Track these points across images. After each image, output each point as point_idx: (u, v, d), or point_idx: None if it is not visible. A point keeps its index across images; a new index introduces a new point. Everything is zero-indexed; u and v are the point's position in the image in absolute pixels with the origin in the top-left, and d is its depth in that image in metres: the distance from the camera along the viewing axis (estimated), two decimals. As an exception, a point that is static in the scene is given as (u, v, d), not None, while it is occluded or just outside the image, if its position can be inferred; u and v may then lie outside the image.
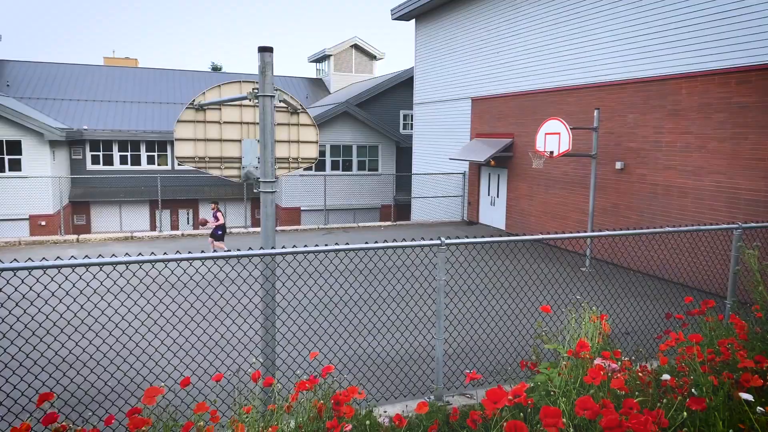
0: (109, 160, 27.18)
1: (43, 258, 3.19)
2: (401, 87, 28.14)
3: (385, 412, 3.03)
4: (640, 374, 2.71)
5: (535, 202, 16.21)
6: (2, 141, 22.03)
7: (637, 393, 2.50)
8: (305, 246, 3.51)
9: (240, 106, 5.28)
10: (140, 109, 29.58)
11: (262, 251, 3.48)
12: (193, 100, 5.08)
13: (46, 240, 14.96)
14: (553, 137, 12.71)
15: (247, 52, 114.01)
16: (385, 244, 3.71)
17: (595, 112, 12.62)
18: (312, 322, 7.20)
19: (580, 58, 14.19)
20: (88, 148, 26.77)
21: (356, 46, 35.23)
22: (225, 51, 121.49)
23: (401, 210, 26.30)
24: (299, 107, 5.41)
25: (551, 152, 12.73)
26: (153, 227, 27.43)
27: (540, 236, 4.11)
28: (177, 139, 5.07)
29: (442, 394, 3.97)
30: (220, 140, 5.26)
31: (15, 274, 3.20)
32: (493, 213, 18.45)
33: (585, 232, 13.45)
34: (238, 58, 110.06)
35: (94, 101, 29.32)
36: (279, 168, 5.37)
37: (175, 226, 28.10)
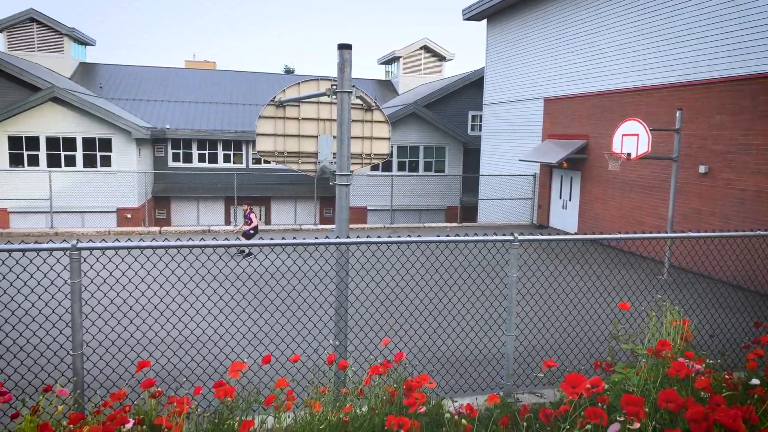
0: (188, 158, 28.61)
1: (128, 238, 3.45)
2: (470, 88, 27.89)
3: (455, 402, 3.05)
4: (726, 377, 2.57)
5: (609, 206, 15.63)
6: (95, 138, 23.71)
7: (723, 393, 2.38)
8: (378, 236, 3.60)
9: (317, 103, 5.46)
10: (218, 110, 30.95)
11: (338, 240, 3.59)
12: (274, 97, 5.30)
13: (131, 231, 15.98)
14: (631, 139, 12.22)
15: (318, 55, 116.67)
16: (458, 238, 3.74)
17: (678, 113, 12.02)
18: (384, 311, 7.29)
19: (661, 56, 13.56)
20: (169, 146, 28.30)
21: (426, 48, 35.26)
22: (298, 54, 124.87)
23: (467, 212, 26.07)
24: (373, 104, 5.52)
25: (628, 154, 12.24)
26: (227, 222, 28.64)
27: (617, 235, 3.99)
28: (258, 134, 5.31)
29: (511, 391, 3.94)
30: (298, 136, 5.46)
31: (106, 256, 3.47)
32: (565, 217, 17.95)
33: (665, 240, 12.82)
34: (310, 61, 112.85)
35: (176, 102, 30.96)
36: (353, 163, 5.50)
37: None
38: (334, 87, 4.32)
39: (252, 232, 13.83)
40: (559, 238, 3.84)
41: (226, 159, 29.18)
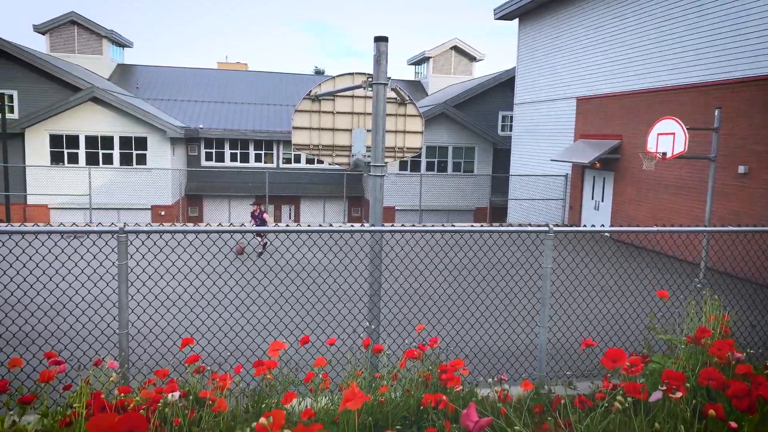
0: (220, 157, 29.12)
1: (173, 223, 3.57)
2: (501, 88, 27.70)
3: (490, 388, 3.07)
4: (768, 365, 2.52)
5: (643, 207, 15.34)
6: (131, 137, 24.36)
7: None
8: (412, 225, 3.64)
9: (352, 97, 5.53)
10: (249, 110, 31.44)
11: (373, 228, 3.65)
12: (310, 91, 5.40)
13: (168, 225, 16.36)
14: (667, 138, 11.97)
15: (346, 57, 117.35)
16: (492, 228, 3.75)
17: (716, 112, 11.72)
18: (417, 300, 7.32)
19: (698, 54, 13.26)
20: (202, 146, 28.86)
21: (456, 48, 35.16)
22: (327, 56, 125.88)
23: (496, 213, 25.89)
24: (407, 98, 5.57)
25: (664, 153, 11.99)
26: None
27: (654, 228, 3.94)
28: (294, 128, 5.41)
29: (545, 382, 3.93)
30: (332, 129, 5.54)
31: (148, 237, 3.59)
32: (597, 218, 17.68)
33: (701, 241, 12.51)
34: (340, 65, 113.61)
35: (209, 102, 31.56)
36: (386, 156, 5.56)
37: (278, 220, 29.54)
38: (370, 79, 4.38)
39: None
40: (594, 230, 3.82)
41: (258, 158, 29.60)
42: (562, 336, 6.67)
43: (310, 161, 29.72)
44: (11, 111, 23.47)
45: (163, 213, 24.65)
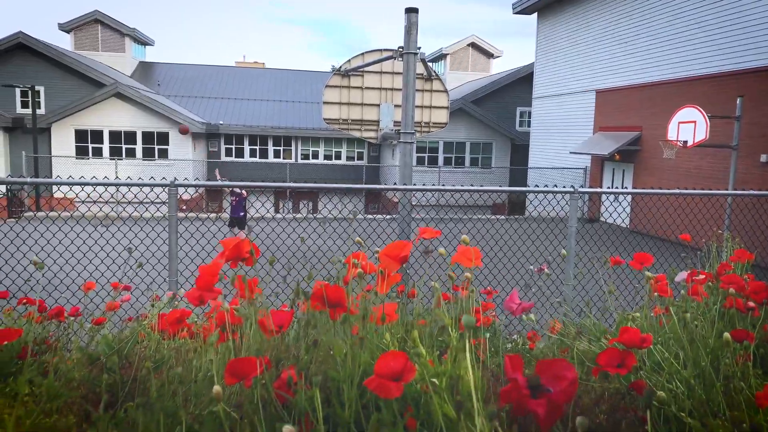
0: (240, 153, 29.50)
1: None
2: (519, 84, 27.68)
3: (519, 334, 3.21)
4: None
5: (663, 198, 15.29)
6: (154, 132, 24.82)
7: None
8: (438, 184, 3.78)
9: (380, 72, 5.70)
10: (268, 107, 31.78)
11: (404, 186, 3.81)
12: (340, 67, 5.58)
13: (191, 216, 16.70)
14: (688, 126, 11.97)
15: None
16: (518, 188, 3.89)
17: (738, 100, 11.69)
18: (442, 261, 7.34)
19: (719, 43, 13.21)
20: (222, 142, 29.26)
21: (473, 45, 35.15)
22: (344, 55, 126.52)
23: (514, 208, 25.88)
24: (433, 73, 5.73)
25: (685, 142, 12.00)
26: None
27: (676, 191, 4.05)
28: (325, 102, 5.60)
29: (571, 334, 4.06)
30: (361, 104, 5.72)
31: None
32: (617, 210, 17.64)
33: (721, 230, 12.43)
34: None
35: (228, 99, 31.97)
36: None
37: (296, 211, 29.87)
38: (401, 50, 4.55)
39: (242, 214, 12.20)
40: (619, 191, 3.94)
41: (276, 154, 29.93)
42: (586, 294, 6.74)
43: (327, 156, 29.97)
44: (38, 106, 24.05)
45: (184, 207, 25.09)
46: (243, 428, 0.93)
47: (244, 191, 12.20)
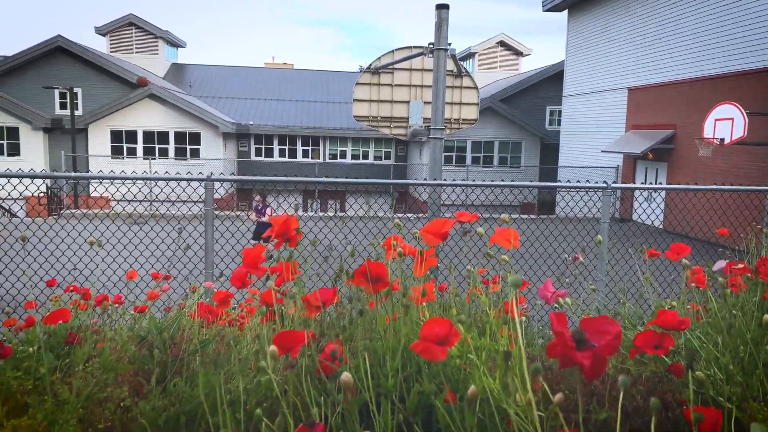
0: (269, 153, 29.86)
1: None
2: (548, 82, 27.32)
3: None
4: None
5: (698, 198, 14.91)
6: (186, 133, 25.34)
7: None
8: (473, 180, 3.79)
9: (410, 70, 5.73)
10: (296, 107, 32.09)
11: (434, 181, 3.84)
12: (370, 64, 5.63)
13: (221, 215, 17.00)
14: (725, 123, 11.67)
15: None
16: (549, 184, 3.86)
17: (778, 96, 11.35)
18: (472, 257, 7.33)
19: (758, 39, 12.82)
20: (252, 142, 29.66)
21: (502, 43, 34.86)
22: (371, 55, 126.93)
23: (543, 207, 25.58)
24: (463, 70, 5.73)
25: (722, 139, 11.69)
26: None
27: (713, 186, 3.96)
28: (355, 100, 5.65)
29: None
30: (390, 101, 5.75)
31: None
32: (649, 209, 17.29)
33: (761, 234, 12.05)
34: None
35: (258, 99, 32.39)
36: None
37: (323, 210, 30.11)
38: (431, 45, 4.57)
39: (264, 228, 11.03)
40: (654, 187, 3.88)
41: (305, 154, 30.20)
42: (621, 281, 6.64)
43: (355, 156, 30.10)
44: (76, 108, 24.79)
45: (215, 205, 25.52)
46: (289, 398, 0.97)
47: (269, 210, 11.69)
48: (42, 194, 17.84)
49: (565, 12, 21.77)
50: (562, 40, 22.97)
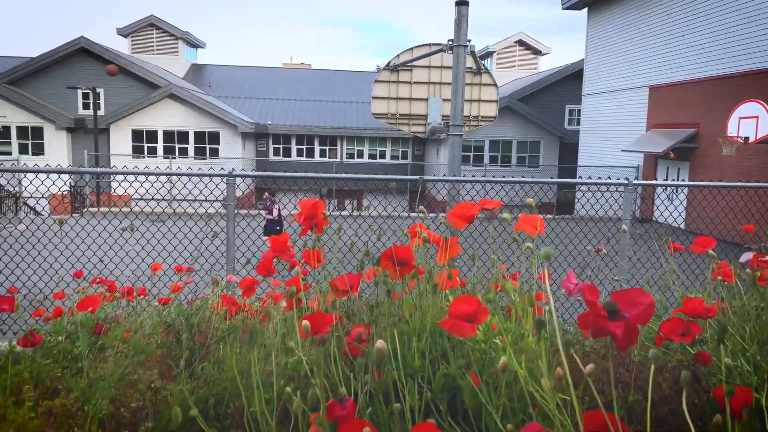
0: (287, 152, 30.05)
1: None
2: (567, 81, 27.08)
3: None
4: None
5: (721, 198, 14.66)
6: (205, 132, 25.62)
7: None
8: (493, 175, 3.79)
9: (428, 67, 5.73)
10: (314, 107, 32.24)
11: (453, 177, 3.84)
12: (389, 62, 5.64)
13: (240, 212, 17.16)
14: (749, 122, 11.47)
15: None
16: (568, 180, 3.84)
17: (804, 93, 11.12)
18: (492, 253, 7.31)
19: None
20: (270, 141, 29.88)
21: (521, 42, 34.63)
22: (389, 55, 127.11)
23: (562, 207, 25.36)
24: (482, 67, 5.71)
25: (746, 138, 11.49)
26: (321, 214, 29.71)
27: (739, 183, 3.90)
28: (374, 98, 5.67)
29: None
30: (409, 99, 5.76)
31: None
32: (671, 210, 17.04)
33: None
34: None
35: (276, 99, 32.60)
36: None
37: (341, 208, 30.21)
38: (451, 42, 4.56)
39: (278, 228, 11.29)
40: (676, 184, 3.84)
41: (322, 153, 30.34)
42: (646, 273, 6.57)
43: (372, 155, 30.15)
44: (98, 108, 25.21)
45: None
46: (317, 378, 0.99)
47: (275, 207, 11.72)
48: (66, 192, 18.18)
49: (585, 10, 21.57)
50: (582, 39, 22.75)
